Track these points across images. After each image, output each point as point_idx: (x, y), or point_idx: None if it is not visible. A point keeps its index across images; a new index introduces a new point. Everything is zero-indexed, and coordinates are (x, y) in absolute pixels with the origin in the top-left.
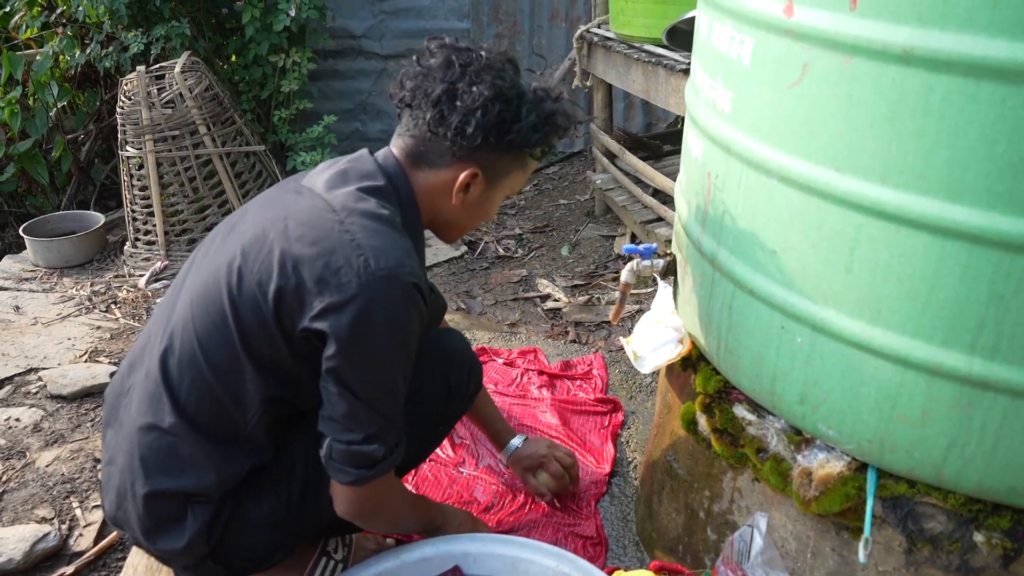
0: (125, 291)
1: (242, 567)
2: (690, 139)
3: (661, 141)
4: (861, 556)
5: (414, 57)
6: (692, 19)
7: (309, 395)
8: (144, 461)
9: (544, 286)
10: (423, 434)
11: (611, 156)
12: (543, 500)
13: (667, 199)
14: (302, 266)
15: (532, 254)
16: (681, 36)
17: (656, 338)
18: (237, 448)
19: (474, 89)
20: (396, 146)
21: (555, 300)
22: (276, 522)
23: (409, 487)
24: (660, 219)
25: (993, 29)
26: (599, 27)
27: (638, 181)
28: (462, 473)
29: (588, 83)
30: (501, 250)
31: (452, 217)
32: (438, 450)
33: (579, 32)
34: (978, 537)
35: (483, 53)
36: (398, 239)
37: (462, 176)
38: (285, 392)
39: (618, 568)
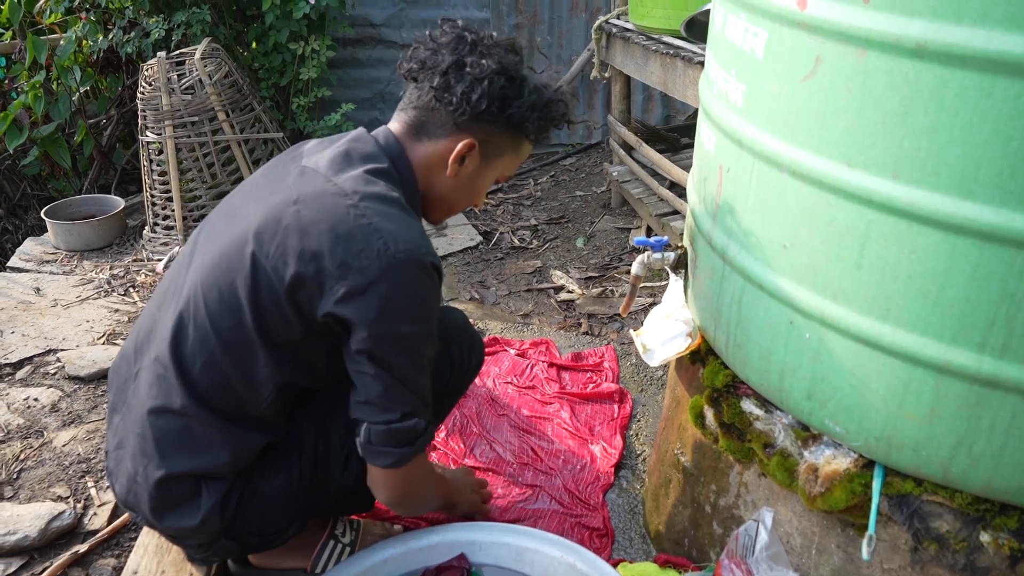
0: (143, 275)
1: (255, 544)
2: (703, 132)
3: (679, 134)
4: (865, 553)
5: (426, 32)
6: (710, 11)
7: (321, 377)
8: (158, 443)
9: (558, 277)
10: None
11: (628, 148)
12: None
13: (683, 192)
14: (321, 252)
15: (547, 245)
16: (699, 28)
17: (666, 331)
18: (249, 427)
19: (483, 62)
20: (397, 121)
21: (569, 292)
22: (287, 497)
23: None
24: (676, 212)
25: (1008, 23)
26: (618, 18)
27: (655, 174)
28: (468, 464)
29: (607, 74)
30: (516, 241)
31: (445, 191)
32: (449, 439)
33: (598, 23)
34: (985, 537)
35: (493, 34)
36: (411, 221)
37: (460, 145)
38: (298, 376)
39: (623, 560)
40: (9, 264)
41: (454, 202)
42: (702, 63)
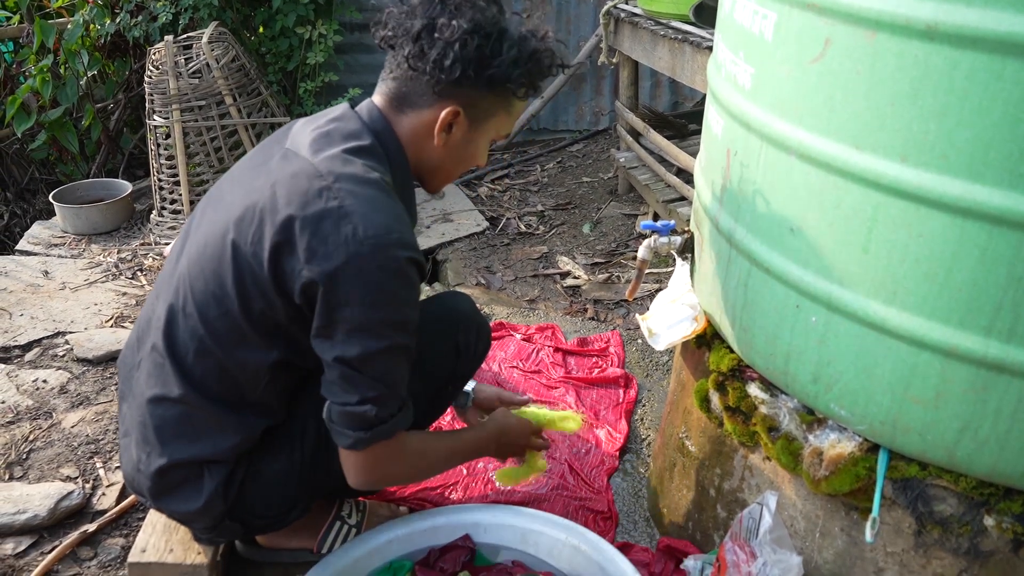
0: (151, 259)
1: (259, 525)
2: (711, 115)
3: (687, 120)
4: (868, 536)
5: None
6: None
7: (313, 356)
8: (158, 431)
9: (564, 263)
10: (432, 395)
11: (636, 134)
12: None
13: (691, 179)
14: (292, 235)
15: (553, 231)
16: (708, 13)
17: (671, 315)
18: (249, 411)
19: (454, 23)
20: (379, 93)
21: (575, 277)
22: (289, 479)
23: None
24: (683, 198)
25: (1019, 5)
26: (626, 3)
27: (662, 160)
28: None
29: (614, 60)
30: (523, 226)
31: (437, 162)
32: (455, 423)
33: (606, 8)
34: (988, 521)
35: None
36: (386, 203)
37: (443, 114)
38: (290, 356)
39: (628, 543)
40: (18, 247)
41: (451, 170)
42: (710, 48)
